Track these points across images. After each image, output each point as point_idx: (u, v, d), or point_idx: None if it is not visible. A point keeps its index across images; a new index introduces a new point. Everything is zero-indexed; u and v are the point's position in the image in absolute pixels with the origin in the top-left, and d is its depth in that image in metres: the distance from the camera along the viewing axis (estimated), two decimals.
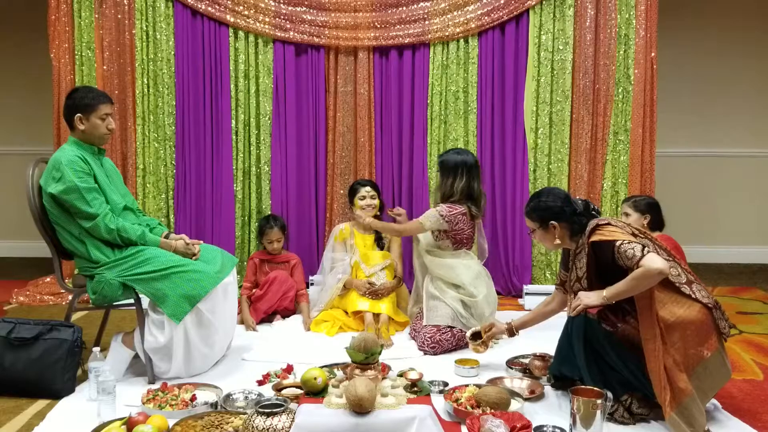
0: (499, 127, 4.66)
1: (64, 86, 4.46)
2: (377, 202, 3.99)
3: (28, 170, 3.01)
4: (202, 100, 4.63)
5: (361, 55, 4.62)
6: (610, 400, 2.38)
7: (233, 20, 4.54)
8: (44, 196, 2.93)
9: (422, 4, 4.58)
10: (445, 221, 3.53)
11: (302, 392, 2.49)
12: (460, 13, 4.56)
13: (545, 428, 2.42)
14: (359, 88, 4.63)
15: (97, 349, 2.78)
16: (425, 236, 3.66)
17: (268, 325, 3.88)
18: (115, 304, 3.04)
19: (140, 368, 3.02)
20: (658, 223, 3.56)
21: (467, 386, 2.72)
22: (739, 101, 5.78)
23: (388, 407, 2.28)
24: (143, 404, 2.60)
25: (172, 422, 2.42)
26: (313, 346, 3.48)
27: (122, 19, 4.52)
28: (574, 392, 2.38)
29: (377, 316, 3.71)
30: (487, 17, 4.54)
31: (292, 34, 4.58)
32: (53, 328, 2.87)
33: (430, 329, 3.43)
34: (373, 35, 4.58)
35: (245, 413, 2.48)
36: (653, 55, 4.52)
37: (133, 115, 4.57)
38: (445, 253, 3.61)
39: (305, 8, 4.58)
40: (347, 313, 3.78)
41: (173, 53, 4.58)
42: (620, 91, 4.56)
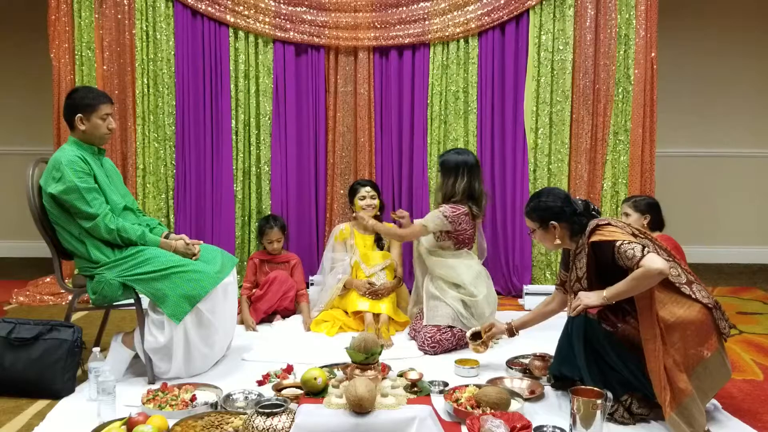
0: (499, 127, 4.66)
1: (64, 86, 4.46)
2: (377, 202, 3.99)
3: (28, 170, 3.01)
4: (202, 100, 4.62)
5: (361, 55, 4.62)
6: (610, 400, 2.38)
7: (233, 20, 4.54)
8: (44, 196, 2.92)
9: (422, 4, 4.58)
10: (448, 222, 3.53)
11: (302, 392, 2.49)
12: (460, 13, 4.56)
13: (545, 428, 2.42)
14: (359, 88, 4.63)
15: (97, 349, 2.78)
16: (426, 236, 3.65)
17: (268, 325, 3.88)
18: (115, 304, 3.04)
19: (140, 368, 3.02)
20: (658, 223, 3.55)
21: (467, 386, 2.72)
22: (739, 101, 5.79)
23: (388, 407, 2.28)
24: (143, 404, 2.61)
25: (172, 422, 2.42)
26: (313, 346, 3.48)
27: (122, 19, 4.52)
28: (574, 392, 2.38)
29: (377, 316, 3.71)
30: (487, 17, 4.54)
31: (292, 34, 4.58)
32: (53, 328, 2.87)
33: (430, 329, 3.43)
34: (373, 35, 4.58)
35: (245, 413, 2.48)
36: (653, 55, 4.52)
37: (133, 115, 4.57)
38: (446, 253, 3.61)
39: (305, 8, 4.58)
40: (347, 313, 3.78)
41: (173, 53, 4.58)
42: (620, 91, 4.56)
